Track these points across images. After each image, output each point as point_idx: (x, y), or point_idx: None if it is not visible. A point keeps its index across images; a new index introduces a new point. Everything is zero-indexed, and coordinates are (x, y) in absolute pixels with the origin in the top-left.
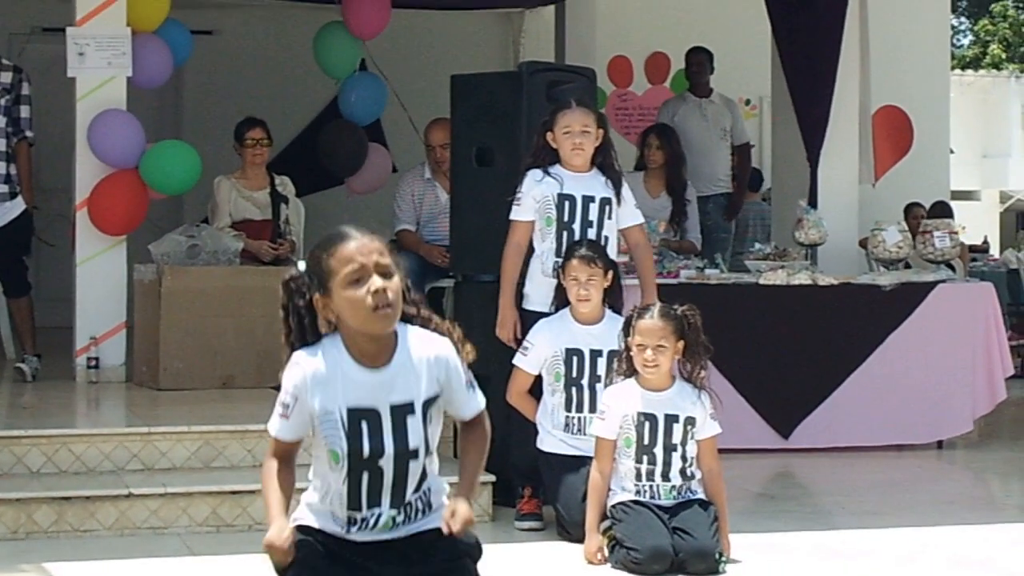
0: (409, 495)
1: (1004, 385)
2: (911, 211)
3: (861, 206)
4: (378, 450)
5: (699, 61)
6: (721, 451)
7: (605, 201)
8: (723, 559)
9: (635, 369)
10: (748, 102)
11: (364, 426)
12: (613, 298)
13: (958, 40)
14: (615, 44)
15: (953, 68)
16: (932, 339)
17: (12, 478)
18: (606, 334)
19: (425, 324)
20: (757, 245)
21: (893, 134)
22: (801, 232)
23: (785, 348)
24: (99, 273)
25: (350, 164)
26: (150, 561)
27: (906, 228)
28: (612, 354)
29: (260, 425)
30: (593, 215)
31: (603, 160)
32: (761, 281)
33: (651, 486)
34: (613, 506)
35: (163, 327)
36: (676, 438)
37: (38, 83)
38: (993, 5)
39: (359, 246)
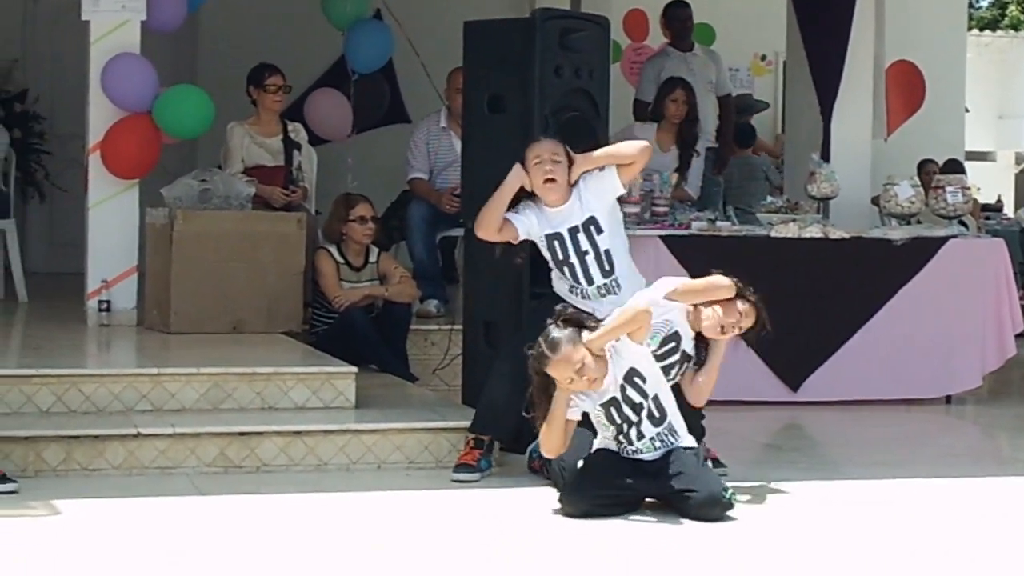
0: None
1: (1013, 342)
2: (924, 167)
3: (874, 161)
4: None
5: (687, 15)
6: (730, 403)
7: (589, 222)
8: (731, 492)
9: None
10: (764, 57)
11: None
12: None
13: (977, 1)
14: None
15: (971, 28)
16: (943, 294)
17: (22, 417)
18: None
19: None
20: (769, 198)
21: (905, 90)
22: (813, 185)
23: (795, 301)
24: (111, 217)
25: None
26: (158, 500)
27: (919, 183)
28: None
29: (269, 368)
30: (584, 243)
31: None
32: (772, 234)
33: (630, 446)
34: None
35: (174, 271)
36: (636, 397)
37: (53, 28)
38: None
39: None
